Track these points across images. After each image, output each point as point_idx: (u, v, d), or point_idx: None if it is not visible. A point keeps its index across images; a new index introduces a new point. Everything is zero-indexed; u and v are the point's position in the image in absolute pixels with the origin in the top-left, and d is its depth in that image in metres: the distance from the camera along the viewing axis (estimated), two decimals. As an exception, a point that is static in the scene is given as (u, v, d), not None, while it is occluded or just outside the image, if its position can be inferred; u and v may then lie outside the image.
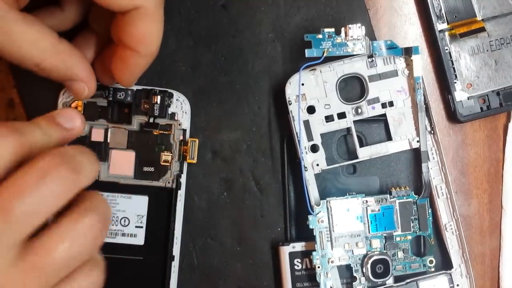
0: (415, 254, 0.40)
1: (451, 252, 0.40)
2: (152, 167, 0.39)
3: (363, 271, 0.39)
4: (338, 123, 0.40)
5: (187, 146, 0.39)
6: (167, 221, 0.39)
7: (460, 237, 0.40)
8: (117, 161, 0.39)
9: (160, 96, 0.38)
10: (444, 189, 0.40)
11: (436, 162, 0.40)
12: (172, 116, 0.39)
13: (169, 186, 0.39)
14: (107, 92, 0.39)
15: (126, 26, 0.32)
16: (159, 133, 0.39)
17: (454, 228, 0.40)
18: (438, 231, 0.40)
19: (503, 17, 0.41)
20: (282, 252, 0.40)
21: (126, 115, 0.39)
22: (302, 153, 0.39)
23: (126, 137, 0.39)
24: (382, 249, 0.39)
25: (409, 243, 0.39)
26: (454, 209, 0.40)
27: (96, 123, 0.39)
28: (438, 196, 0.40)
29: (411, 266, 0.40)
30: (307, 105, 0.39)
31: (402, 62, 0.40)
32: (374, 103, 0.40)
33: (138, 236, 0.39)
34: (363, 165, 0.41)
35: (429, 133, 0.40)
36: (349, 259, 0.39)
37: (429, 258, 0.40)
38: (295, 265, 0.40)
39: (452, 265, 0.40)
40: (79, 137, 0.39)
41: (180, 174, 0.39)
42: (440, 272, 0.40)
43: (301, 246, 0.40)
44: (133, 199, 0.39)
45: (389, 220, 0.39)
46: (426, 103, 0.40)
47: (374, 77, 0.40)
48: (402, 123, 0.40)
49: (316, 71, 0.39)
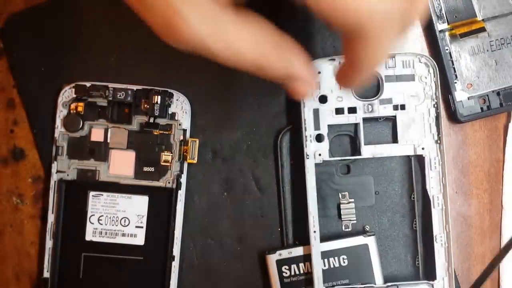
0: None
1: (437, 264, 0.39)
2: (152, 167, 0.39)
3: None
4: (348, 117, 0.39)
5: (187, 146, 0.39)
6: (167, 221, 0.39)
7: (448, 250, 0.39)
8: (117, 161, 0.39)
9: (160, 96, 0.38)
10: (440, 199, 0.40)
11: (437, 172, 0.40)
12: (172, 116, 0.39)
13: (169, 186, 0.39)
14: (107, 92, 0.39)
15: (348, 46, 0.28)
16: (159, 133, 0.39)
17: (444, 241, 0.39)
18: (430, 239, 0.40)
19: (503, 17, 0.41)
20: (269, 261, 0.39)
21: (126, 115, 0.39)
22: (307, 140, 0.39)
23: (126, 137, 0.39)
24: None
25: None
26: (447, 221, 0.39)
27: (96, 123, 0.39)
28: (433, 206, 0.39)
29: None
30: (320, 94, 0.39)
31: (421, 68, 0.40)
32: (386, 104, 0.40)
33: (138, 236, 0.39)
34: (357, 165, 0.40)
35: (435, 143, 0.40)
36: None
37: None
38: (283, 272, 0.39)
39: (436, 277, 0.39)
40: (80, 138, 0.39)
41: (180, 174, 0.39)
42: (423, 281, 0.39)
43: (288, 252, 0.39)
44: (133, 199, 0.39)
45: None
46: (438, 112, 0.39)
47: (391, 77, 0.40)
48: (410, 127, 0.40)
49: (335, 61, 0.39)
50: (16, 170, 0.41)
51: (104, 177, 0.39)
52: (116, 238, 0.39)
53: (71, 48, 0.41)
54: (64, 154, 0.39)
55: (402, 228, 0.41)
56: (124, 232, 0.39)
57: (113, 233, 0.39)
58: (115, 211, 0.39)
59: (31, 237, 0.41)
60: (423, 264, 0.40)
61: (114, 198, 0.39)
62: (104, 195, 0.39)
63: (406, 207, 0.41)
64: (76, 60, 0.41)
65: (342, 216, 0.40)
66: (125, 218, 0.39)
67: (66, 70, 0.40)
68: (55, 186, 0.39)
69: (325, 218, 0.40)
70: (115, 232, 0.39)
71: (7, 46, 0.41)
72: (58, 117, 0.39)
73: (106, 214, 0.39)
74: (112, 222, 0.39)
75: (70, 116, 0.39)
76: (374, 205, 0.40)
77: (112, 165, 0.39)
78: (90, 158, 0.39)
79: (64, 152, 0.39)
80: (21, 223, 0.41)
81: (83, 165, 0.39)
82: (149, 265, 0.39)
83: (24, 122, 0.41)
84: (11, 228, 0.41)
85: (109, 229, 0.39)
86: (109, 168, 0.39)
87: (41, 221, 0.41)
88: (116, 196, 0.39)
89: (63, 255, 0.39)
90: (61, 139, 0.39)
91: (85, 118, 0.39)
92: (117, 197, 0.39)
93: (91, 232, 0.39)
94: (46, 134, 0.40)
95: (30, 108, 0.41)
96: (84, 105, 0.39)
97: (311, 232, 0.38)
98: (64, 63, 0.40)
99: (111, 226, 0.39)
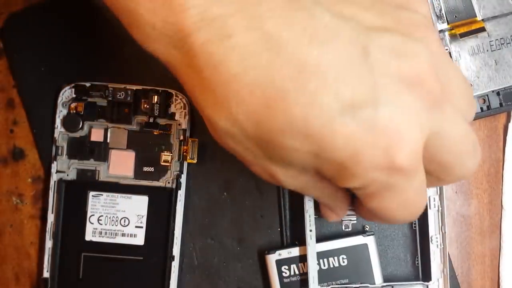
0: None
1: (432, 265, 0.39)
2: (152, 167, 0.39)
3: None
4: None
5: (187, 146, 0.39)
6: (167, 221, 0.39)
7: (444, 251, 0.39)
8: (117, 161, 0.39)
9: (160, 96, 0.38)
10: (437, 200, 0.39)
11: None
12: (172, 116, 0.39)
13: (169, 186, 0.39)
14: (107, 92, 0.39)
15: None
16: (159, 133, 0.39)
17: (439, 242, 0.39)
18: (426, 239, 0.40)
19: (503, 17, 0.41)
20: (269, 261, 0.39)
21: (126, 115, 0.39)
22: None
23: (126, 137, 0.39)
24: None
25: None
26: (443, 222, 0.39)
27: (95, 123, 0.39)
28: (429, 207, 0.39)
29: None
30: None
31: None
32: None
33: (138, 236, 0.39)
34: None
35: None
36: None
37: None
38: (283, 272, 0.39)
39: (431, 278, 0.39)
40: (79, 138, 0.39)
41: (180, 174, 0.39)
42: (418, 282, 0.40)
43: (287, 252, 0.39)
44: (133, 199, 0.39)
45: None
46: None
47: None
48: None
49: None
50: (16, 170, 0.41)
51: (104, 177, 0.39)
52: (116, 238, 0.39)
53: (71, 48, 0.41)
54: (64, 154, 0.39)
55: (402, 228, 0.41)
56: (124, 232, 0.39)
57: (113, 233, 0.39)
58: (115, 211, 0.39)
59: (31, 237, 0.41)
60: (422, 264, 0.40)
61: (114, 198, 0.39)
62: (104, 195, 0.39)
63: (405, 207, 0.40)
64: (76, 60, 0.41)
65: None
66: (125, 218, 0.39)
67: (66, 70, 0.40)
68: (55, 186, 0.39)
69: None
70: (115, 232, 0.39)
71: (7, 46, 0.41)
72: (58, 117, 0.39)
73: (106, 214, 0.39)
74: (112, 222, 0.39)
75: (70, 116, 0.39)
76: (374, 204, 0.40)
77: (112, 165, 0.39)
78: (90, 158, 0.39)
79: (64, 152, 0.39)
80: (21, 223, 0.41)
81: (83, 165, 0.39)
82: (149, 265, 0.39)
83: (24, 122, 0.41)
84: (11, 228, 0.41)
85: (109, 229, 0.39)
86: (109, 168, 0.39)
87: (41, 221, 0.41)
88: (116, 196, 0.39)
89: (63, 255, 0.39)
90: (61, 139, 0.39)
91: (85, 118, 0.39)
92: (117, 197, 0.39)
93: (91, 232, 0.39)
94: (46, 134, 0.40)
95: (30, 108, 0.41)
96: (84, 105, 0.39)
97: (307, 231, 0.38)
98: (64, 63, 0.40)
99: (111, 226, 0.39)
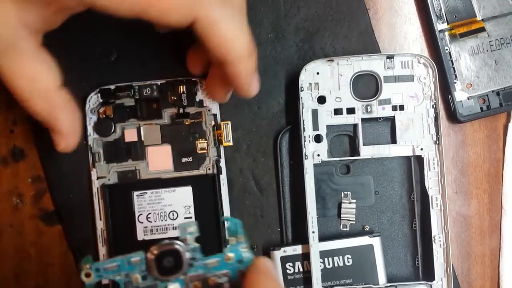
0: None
1: (435, 264, 0.39)
2: (190, 157, 0.39)
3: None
4: (346, 118, 0.39)
5: (220, 130, 0.39)
6: (214, 207, 0.39)
7: (447, 251, 0.39)
8: (155, 157, 0.39)
9: (185, 85, 0.39)
10: (439, 200, 0.39)
11: (436, 172, 0.40)
12: (200, 103, 0.40)
13: (210, 172, 0.39)
14: (133, 91, 0.39)
15: (200, 38, 0.31)
16: (190, 122, 0.39)
17: (442, 241, 0.39)
18: (429, 239, 0.40)
19: (503, 17, 0.41)
20: (273, 257, 0.39)
21: (156, 110, 0.39)
22: (306, 140, 0.39)
23: (159, 132, 0.39)
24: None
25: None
26: (446, 222, 0.39)
27: (127, 123, 0.39)
28: (432, 206, 0.39)
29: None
30: (319, 94, 0.39)
31: (420, 69, 0.40)
32: (385, 104, 0.40)
33: (189, 227, 0.39)
34: (356, 165, 0.41)
35: (434, 143, 0.40)
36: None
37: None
38: (287, 269, 0.39)
39: (434, 277, 0.39)
40: (114, 141, 0.39)
41: (219, 159, 0.39)
42: (421, 282, 0.40)
43: (292, 250, 0.39)
44: (177, 192, 0.39)
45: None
46: (437, 112, 0.40)
47: (389, 78, 0.40)
48: (409, 128, 0.40)
49: (333, 62, 0.39)
50: (16, 170, 0.41)
51: (145, 175, 0.39)
52: (168, 232, 0.39)
53: (74, 48, 0.40)
54: (102, 159, 0.39)
55: (402, 228, 0.41)
56: (175, 225, 0.39)
57: (164, 229, 0.39)
58: (162, 207, 0.39)
59: (31, 237, 0.40)
60: (422, 264, 0.40)
61: (159, 194, 0.39)
62: (148, 192, 0.39)
63: (406, 207, 0.41)
64: (78, 60, 0.40)
65: (342, 216, 0.40)
66: (173, 212, 0.39)
67: (66, 70, 0.39)
68: (98, 192, 0.39)
69: (324, 218, 0.41)
70: (165, 227, 0.39)
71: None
72: (88, 124, 0.39)
73: (153, 211, 0.39)
74: (161, 218, 0.39)
75: (101, 121, 0.39)
76: (373, 205, 0.41)
77: (151, 162, 0.39)
78: (128, 159, 0.39)
79: (101, 158, 0.39)
80: (21, 223, 0.40)
81: (122, 167, 0.39)
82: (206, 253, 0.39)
83: (24, 122, 0.40)
84: (11, 228, 0.40)
85: (159, 225, 0.39)
86: (148, 166, 0.39)
87: (41, 221, 0.40)
88: (160, 191, 0.39)
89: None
90: (96, 146, 0.39)
91: (115, 121, 0.39)
92: (161, 192, 0.39)
93: (142, 232, 0.39)
94: (46, 134, 0.39)
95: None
96: (112, 108, 0.39)
97: (310, 232, 0.38)
98: (64, 63, 0.40)
99: (160, 222, 0.39)
